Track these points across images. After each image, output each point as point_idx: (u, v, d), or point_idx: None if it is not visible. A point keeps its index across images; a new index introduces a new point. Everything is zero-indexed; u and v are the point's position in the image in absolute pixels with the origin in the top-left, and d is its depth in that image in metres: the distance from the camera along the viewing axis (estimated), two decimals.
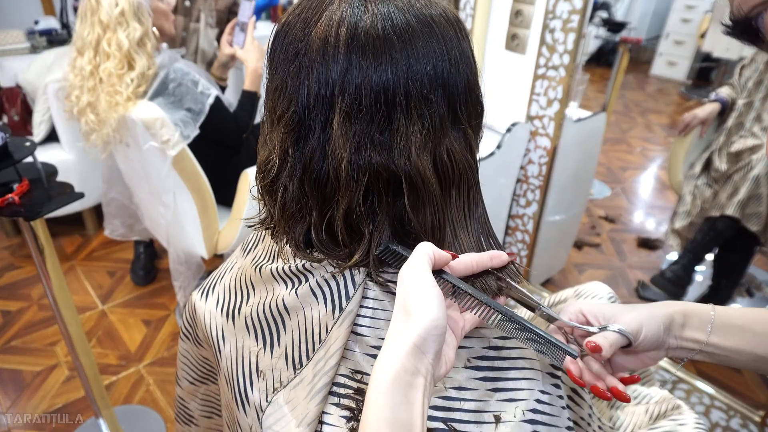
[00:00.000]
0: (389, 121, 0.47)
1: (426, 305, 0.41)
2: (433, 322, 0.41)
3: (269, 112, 0.52)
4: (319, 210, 0.50)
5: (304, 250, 0.52)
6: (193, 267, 1.67)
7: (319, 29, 0.47)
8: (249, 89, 1.69)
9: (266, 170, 0.52)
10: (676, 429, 0.81)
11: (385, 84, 0.46)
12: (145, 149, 1.42)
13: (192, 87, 1.46)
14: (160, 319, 1.99)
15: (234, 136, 1.64)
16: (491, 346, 0.51)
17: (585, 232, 2.61)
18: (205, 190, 1.58)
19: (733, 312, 0.52)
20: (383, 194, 0.49)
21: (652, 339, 0.53)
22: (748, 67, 1.99)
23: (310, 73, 0.47)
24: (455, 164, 0.49)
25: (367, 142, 0.47)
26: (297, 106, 0.48)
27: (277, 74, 0.50)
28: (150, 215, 1.71)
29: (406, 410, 0.38)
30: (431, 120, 0.48)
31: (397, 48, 0.46)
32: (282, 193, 0.51)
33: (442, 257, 0.46)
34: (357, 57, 0.46)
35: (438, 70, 0.47)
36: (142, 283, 2.18)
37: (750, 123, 1.92)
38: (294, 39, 0.49)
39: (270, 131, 0.52)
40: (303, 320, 0.54)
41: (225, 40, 1.72)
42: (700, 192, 1.98)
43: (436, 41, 0.48)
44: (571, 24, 1.48)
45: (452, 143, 0.49)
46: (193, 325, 0.67)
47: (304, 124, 0.48)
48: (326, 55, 0.46)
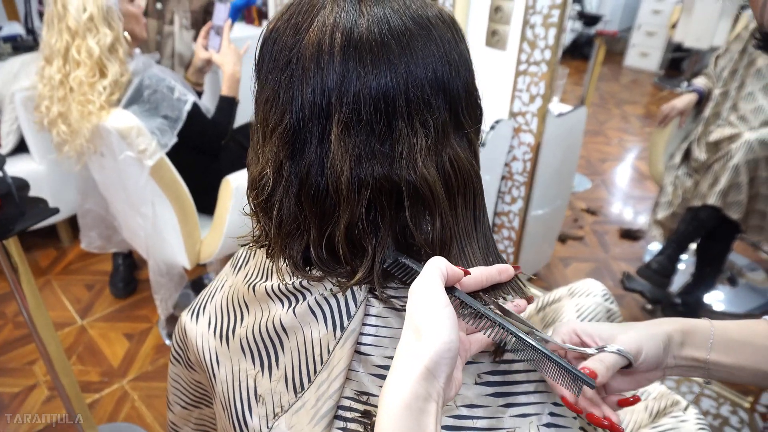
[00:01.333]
0: (390, 130, 0.44)
1: (439, 326, 0.39)
2: (446, 345, 0.38)
3: (260, 124, 0.49)
4: (318, 226, 0.47)
5: (303, 268, 0.50)
6: (175, 278, 1.63)
7: (312, 35, 0.44)
8: (227, 94, 1.65)
9: (260, 186, 0.49)
10: (679, 426, 0.81)
11: (384, 91, 0.44)
12: (121, 159, 1.37)
13: (168, 93, 1.41)
14: (143, 332, 1.94)
15: (213, 142, 1.59)
16: (501, 360, 0.49)
17: (568, 225, 2.62)
18: (185, 199, 1.53)
19: (732, 326, 0.51)
20: (386, 208, 0.46)
21: (652, 359, 0.51)
22: (722, 57, 2.01)
23: (304, 82, 0.44)
24: (460, 172, 0.47)
25: (368, 153, 0.44)
26: (291, 118, 0.45)
27: (268, 84, 0.47)
28: (128, 226, 1.65)
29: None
30: (434, 127, 0.45)
31: (396, 53, 0.44)
32: (278, 210, 0.48)
33: (455, 273, 0.43)
34: (354, 64, 0.43)
35: (438, 75, 0.45)
36: (122, 296, 2.12)
37: (726, 112, 1.95)
38: (284, 46, 0.46)
39: (262, 145, 0.49)
40: (302, 341, 0.51)
41: (200, 44, 1.67)
42: (681, 182, 2.00)
43: (435, 44, 0.45)
44: (552, 19, 1.47)
45: (456, 150, 0.47)
46: (183, 348, 0.64)
47: (300, 136, 0.46)
48: (321, 62, 0.44)
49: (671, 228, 2.01)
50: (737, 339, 0.51)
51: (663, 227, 2.05)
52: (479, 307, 0.45)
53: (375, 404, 0.48)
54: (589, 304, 0.99)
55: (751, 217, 1.82)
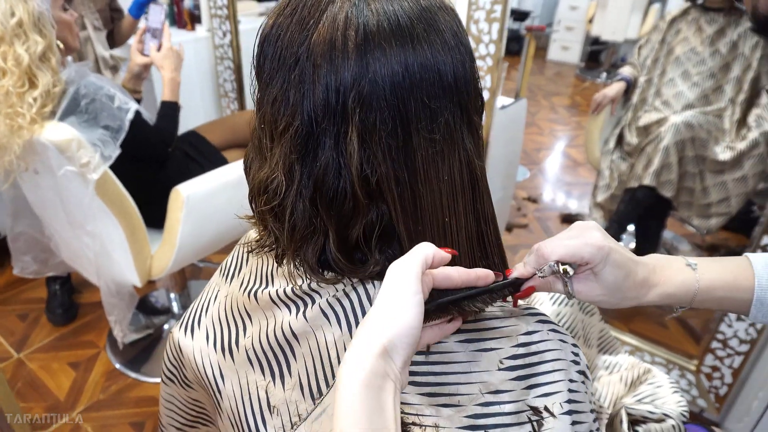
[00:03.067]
0: (406, 130, 0.44)
1: (404, 310, 0.39)
2: (407, 329, 0.38)
3: (268, 126, 0.47)
4: (336, 228, 0.46)
5: (319, 271, 0.48)
6: (126, 298, 1.54)
7: (323, 31, 0.43)
8: (169, 99, 1.57)
9: (270, 191, 0.47)
10: (656, 392, 0.86)
11: (401, 88, 0.43)
12: (60, 175, 1.27)
13: (107, 102, 1.33)
14: (90, 359, 1.81)
15: (159, 150, 1.52)
16: (519, 344, 0.50)
17: (513, 214, 2.71)
18: (133, 213, 1.45)
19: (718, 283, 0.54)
20: (403, 206, 0.45)
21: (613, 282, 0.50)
22: (644, 47, 2.15)
23: (316, 81, 0.43)
24: (472, 166, 0.48)
25: (385, 154, 0.44)
26: (303, 118, 0.44)
27: (275, 83, 0.45)
28: (69, 246, 1.54)
29: (380, 416, 0.36)
30: (447, 122, 0.45)
31: (410, 48, 0.43)
32: (290, 214, 0.46)
33: (442, 259, 0.43)
34: (370, 62, 0.42)
35: (449, 68, 0.45)
36: (62, 323, 1.97)
37: (652, 98, 2.08)
38: (291, 43, 0.44)
39: (270, 147, 0.47)
40: (315, 345, 0.50)
41: (135, 49, 1.59)
42: (617, 166, 2.12)
43: (443, 37, 0.45)
44: (495, 14, 1.51)
45: (467, 145, 0.47)
46: (178, 366, 0.60)
47: (313, 137, 0.44)
48: (334, 59, 0.42)
49: (611, 209, 2.12)
50: (720, 296, 0.53)
51: (603, 209, 2.17)
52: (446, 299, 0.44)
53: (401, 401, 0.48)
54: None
55: (681, 194, 1.96)
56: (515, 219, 2.67)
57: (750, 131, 1.86)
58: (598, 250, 0.48)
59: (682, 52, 2.03)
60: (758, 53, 1.88)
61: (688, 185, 1.94)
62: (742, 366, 1.46)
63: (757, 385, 1.42)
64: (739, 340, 1.44)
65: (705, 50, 1.98)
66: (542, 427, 0.47)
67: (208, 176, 1.53)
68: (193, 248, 1.54)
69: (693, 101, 1.98)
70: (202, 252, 1.61)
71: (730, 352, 1.47)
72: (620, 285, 0.50)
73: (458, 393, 0.47)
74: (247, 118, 1.95)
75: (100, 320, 1.96)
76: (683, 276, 0.53)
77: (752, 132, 1.85)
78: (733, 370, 1.49)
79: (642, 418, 0.75)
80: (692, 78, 2.00)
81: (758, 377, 1.43)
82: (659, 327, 2.02)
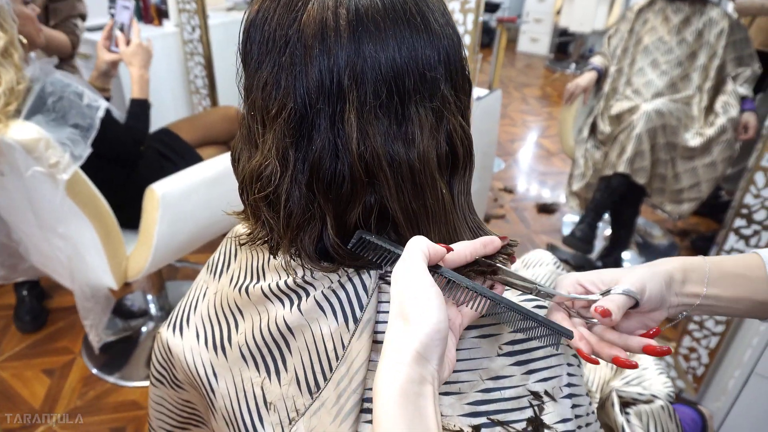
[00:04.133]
0: (403, 107, 0.43)
1: (426, 308, 0.38)
2: (434, 326, 0.38)
3: (259, 112, 0.45)
4: (334, 213, 0.45)
5: (317, 259, 0.47)
6: (102, 301, 1.49)
7: (312, 12, 0.42)
8: (138, 97, 1.53)
9: (263, 178, 0.45)
10: (642, 374, 0.87)
11: (396, 68, 0.42)
12: (28, 176, 1.22)
13: (76, 100, 1.28)
14: (65, 365, 1.76)
15: (131, 149, 1.47)
16: (518, 329, 0.50)
17: (490, 205, 2.73)
18: (106, 214, 1.41)
19: (727, 261, 0.53)
20: (402, 185, 0.45)
21: (656, 297, 0.51)
22: (614, 37, 2.19)
23: (309, 62, 0.42)
24: (465, 141, 0.47)
25: (384, 133, 0.43)
26: (296, 101, 0.42)
27: (264, 67, 0.44)
28: (40, 250, 1.49)
29: (421, 423, 0.36)
30: (441, 100, 0.45)
31: (402, 26, 0.43)
32: (285, 201, 0.45)
33: (437, 251, 0.43)
34: (364, 40, 0.41)
35: (440, 45, 0.45)
36: (31, 330, 1.90)
37: (623, 87, 2.12)
38: (280, 25, 0.43)
39: (261, 134, 0.46)
40: (311, 339, 0.49)
41: (102, 46, 1.53)
42: (591, 154, 2.15)
43: (433, 16, 0.45)
44: (469, 5, 1.51)
45: (459, 120, 0.47)
46: (168, 366, 0.58)
47: (307, 120, 0.43)
48: (326, 39, 0.41)
49: (586, 198, 2.15)
50: (733, 272, 0.52)
51: (579, 198, 2.20)
52: (462, 280, 0.44)
53: None
54: (543, 273, 1.03)
55: (654, 181, 2.00)
56: (492, 210, 2.69)
57: (717, 117, 1.91)
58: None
59: (651, 42, 2.07)
60: (722, 41, 1.93)
61: (660, 172, 1.98)
62: (718, 346, 1.50)
63: (733, 364, 1.46)
64: (715, 320, 1.48)
65: (672, 39, 2.03)
66: (543, 411, 0.47)
67: (183, 174, 1.49)
68: (171, 248, 1.51)
69: (662, 89, 2.02)
70: (180, 251, 1.57)
71: (706, 333, 1.51)
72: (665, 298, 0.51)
73: (459, 380, 0.47)
74: (221, 114, 1.91)
75: (74, 325, 1.90)
76: (691, 258, 0.54)
77: (719, 118, 1.90)
78: (709, 350, 1.53)
79: (632, 400, 0.77)
80: (661, 66, 2.05)
81: (733, 357, 1.47)
82: None
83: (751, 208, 1.34)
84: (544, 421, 0.47)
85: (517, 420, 0.46)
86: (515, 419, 0.46)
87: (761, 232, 1.35)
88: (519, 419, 0.46)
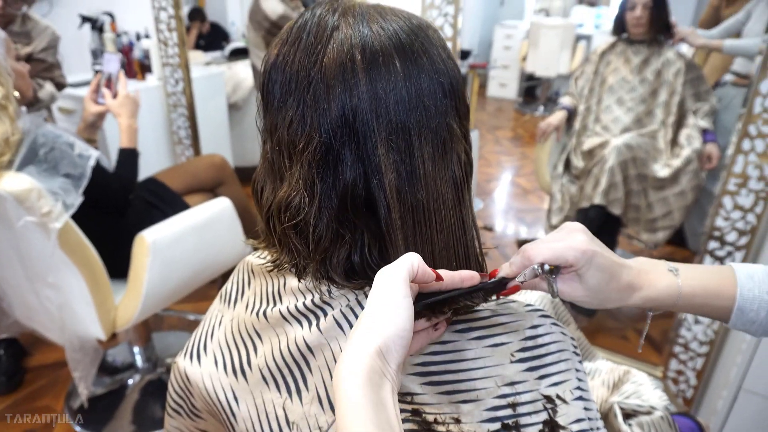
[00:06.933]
0: (411, 145, 0.47)
1: (395, 314, 0.40)
2: (398, 331, 0.40)
3: (286, 147, 0.49)
4: (373, 232, 0.49)
5: (345, 278, 0.50)
6: (90, 353, 1.46)
7: (332, 55, 0.46)
8: (127, 146, 1.55)
9: (291, 208, 0.49)
10: (639, 389, 0.90)
11: (405, 103, 0.46)
12: (19, 227, 1.22)
13: (68, 150, 1.30)
14: (47, 426, 1.69)
15: (119, 198, 1.49)
16: (527, 337, 0.52)
17: None
18: (95, 263, 1.40)
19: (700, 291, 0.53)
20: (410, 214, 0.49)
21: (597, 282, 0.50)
22: (580, 78, 2.32)
23: (331, 100, 0.46)
24: (469, 163, 0.52)
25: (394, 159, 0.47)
26: (321, 136, 0.46)
27: (289, 106, 0.48)
28: (27, 303, 1.46)
29: (384, 412, 0.37)
30: (448, 129, 0.49)
31: (412, 61, 0.47)
32: (315, 227, 0.48)
33: (425, 273, 0.44)
34: (377, 78, 0.46)
35: (444, 80, 0.49)
36: (5, 392, 1.81)
37: (592, 124, 2.23)
38: (302, 66, 0.47)
39: (288, 167, 0.49)
40: (331, 356, 0.51)
41: (89, 98, 1.57)
42: (567, 189, 2.24)
43: (437, 50, 0.49)
44: None
45: (463, 145, 0.51)
46: (185, 395, 0.59)
47: (332, 152, 0.47)
48: (346, 81, 0.46)
49: None
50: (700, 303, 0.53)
51: None
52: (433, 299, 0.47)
53: (421, 402, 0.49)
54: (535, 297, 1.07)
55: (628, 211, 2.08)
56: None
57: (683, 149, 2.02)
58: (582, 253, 0.49)
59: (615, 81, 2.20)
60: (680, 79, 2.07)
61: (634, 202, 2.07)
62: (704, 367, 1.54)
63: (720, 384, 1.50)
64: (699, 342, 1.53)
65: (634, 78, 2.16)
66: (557, 414, 0.49)
67: (172, 221, 1.50)
68: (160, 295, 1.50)
69: (629, 125, 2.14)
70: (169, 299, 1.56)
71: (692, 355, 1.55)
72: (603, 288, 0.51)
73: (475, 388, 0.49)
74: (207, 162, 1.94)
75: (56, 383, 1.84)
76: (666, 281, 0.53)
77: (685, 150, 2.01)
78: (696, 371, 1.56)
79: (632, 412, 0.79)
80: (626, 104, 2.17)
81: (720, 377, 1.51)
82: (621, 340, 2.10)
83: (723, 230, 1.41)
84: (559, 422, 0.49)
85: (533, 423, 0.48)
86: (532, 422, 0.48)
87: (734, 253, 1.42)
88: (535, 422, 0.49)
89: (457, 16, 1.59)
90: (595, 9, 4.81)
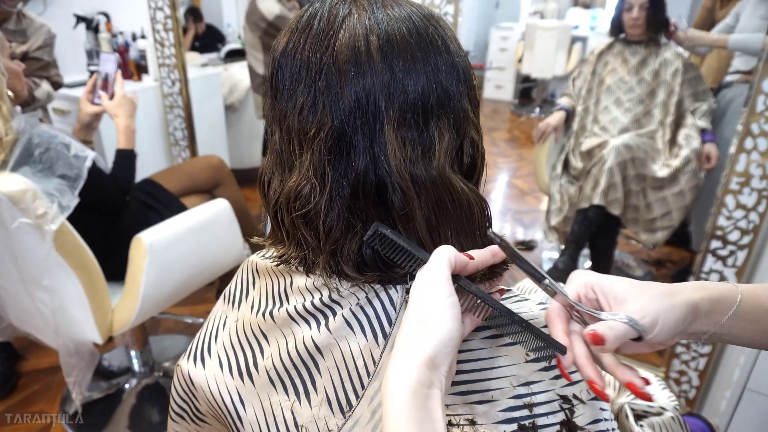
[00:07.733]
0: (430, 122, 0.46)
1: (443, 316, 0.40)
2: (449, 333, 0.40)
3: (296, 135, 0.47)
4: (384, 222, 0.47)
5: (357, 270, 0.48)
6: (86, 357, 1.44)
7: (344, 40, 0.45)
8: (124, 147, 1.53)
9: (301, 197, 0.47)
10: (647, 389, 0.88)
11: (423, 86, 0.45)
12: (13, 228, 1.20)
13: (63, 151, 1.28)
14: (42, 430, 1.67)
15: (116, 200, 1.47)
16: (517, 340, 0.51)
17: None
18: (91, 265, 1.38)
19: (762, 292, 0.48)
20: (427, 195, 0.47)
21: (668, 332, 0.44)
22: (578, 79, 2.31)
23: (344, 85, 0.44)
24: (480, 149, 0.51)
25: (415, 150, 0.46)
26: (333, 122, 0.45)
27: (299, 93, 0.46)
28: (21, 306, 1.44)
29: (430, 426, 0.37)
30: (463, 114, 0.48)
31: (426, 49, 0.46)
32: (325, 217, 0.47)
33: (462, 262, 0.45)
34: (394, 63, 0.44)
35: (458, 65, 0.48)
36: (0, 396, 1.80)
37: (590, 125, 2.23)
38: (313, 53, 0.46)
39: (298, 155, 0.48)
40: (340, 357, 0.49)
41: (85, 98, 1.55)
42: (566, 189, 2.23)
43: (449, 38, 0.48)
44: None
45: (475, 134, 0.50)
46: (189, 399, 0.57)
47: (345, 138, 0.45)
48: (360, 64, 0.44)
49: (565, 231, 2.21)
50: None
51: (558, 232, 2.26)
52: (478, 291, 0.45)
53: None
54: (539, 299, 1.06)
55: (627, 212, 2.07)
56: None
57: (681, 149, 2.02)
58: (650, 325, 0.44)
59: (612, 82, 2.20)
60: (678, 79, 2.07)
61: (633, 202, 2.07)
62: (706, 367, 1.53)
63: (723, 384, 1.49)
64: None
65: (632, 79, 2.16)
66: (574, 414, 0.48)
67: (170, 222, 1.48)
68: (157, 298, 1.48)
69: (627, 125, 2.13)
70: (167, 302, 1.54)
71: (694, 355, 1.54)
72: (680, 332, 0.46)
73: (490, 388, 0.48)
74: (204, 163, 1.92)
75: (51, 387, 1.82)
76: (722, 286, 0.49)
77: (683, 150, 2.01)
78: (699, 372, 1.55)
79: (643, 413, 0.78)
80: (624, 104, 2.17)
81: (722, 377, 1.50)
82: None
83: (725, 230, 1.41)
84: (577, 423, 0.48)
85: (550, 424, 0.47)
86: (549, 423, 0.47)
87: (737, 252, 1.41)
88: (552, 423, 0.47)
89: (457, 15, 1.58)
90: (590, 11, 4.84)
